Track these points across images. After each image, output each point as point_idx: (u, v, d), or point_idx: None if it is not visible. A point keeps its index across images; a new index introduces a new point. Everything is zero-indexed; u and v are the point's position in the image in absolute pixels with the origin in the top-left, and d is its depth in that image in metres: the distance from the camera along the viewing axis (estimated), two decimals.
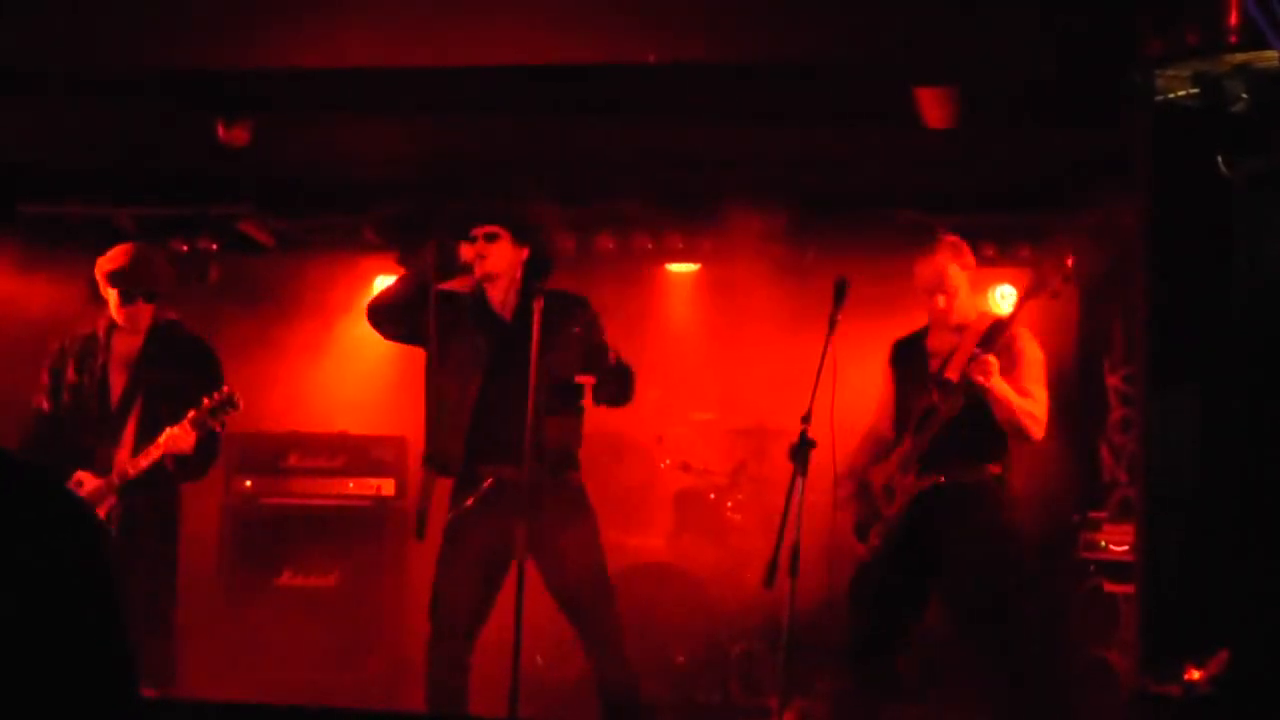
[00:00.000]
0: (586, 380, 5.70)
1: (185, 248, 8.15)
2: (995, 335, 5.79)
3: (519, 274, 5.82)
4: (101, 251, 6.29)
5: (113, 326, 6.24)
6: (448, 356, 5.80)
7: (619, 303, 7.03)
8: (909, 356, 6.13)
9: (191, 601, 6.74)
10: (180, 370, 6.21)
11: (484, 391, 5.62)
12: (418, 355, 5.93)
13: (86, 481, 6.04)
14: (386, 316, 5.91)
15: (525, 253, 5.82)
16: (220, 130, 6.46)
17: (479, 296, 5.83)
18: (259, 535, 7.98)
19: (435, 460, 5.78)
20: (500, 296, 5.81)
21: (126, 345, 6.25)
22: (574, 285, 6.07)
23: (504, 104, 6.45)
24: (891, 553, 5.89)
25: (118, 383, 6.21)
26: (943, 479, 5.81)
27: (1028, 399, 5.76)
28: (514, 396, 5.55)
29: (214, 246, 8.22)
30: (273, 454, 8.04)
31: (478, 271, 5.75)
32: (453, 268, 5.75)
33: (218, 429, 6.14)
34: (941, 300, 5.96)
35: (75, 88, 6.14)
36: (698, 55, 5.52)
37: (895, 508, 5.89)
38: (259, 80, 6.06)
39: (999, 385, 5.67)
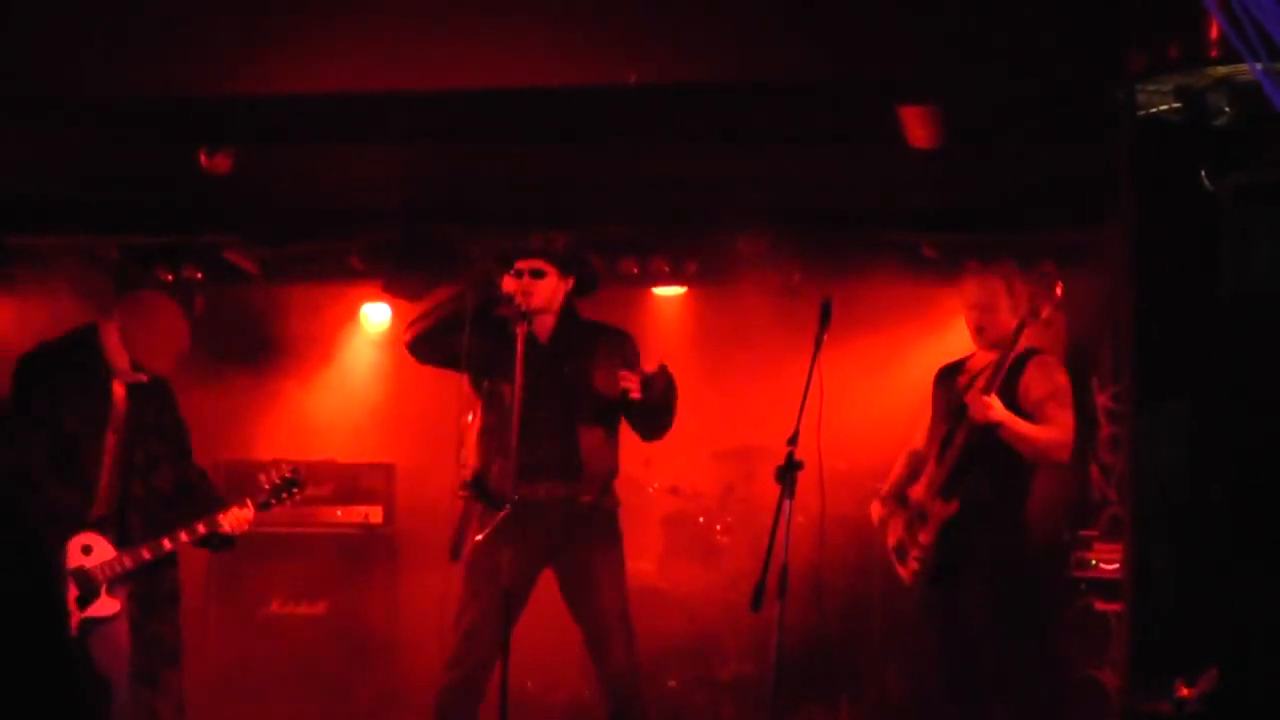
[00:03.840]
0: (630, 383, 5.62)
1: (170, 277, 8.11)
2: (1011, 366, 5.90)
3: (563, 303, 5.87)
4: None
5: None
6: (488, 383, 5.79)
7: None
8: (950, 379, 6.25)
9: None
10: (158, 412, 5.93)
11: (524, 417, 5.47)
12: (405, 383, 5.88)
13: (96, 547, 5.57)
14: (425, 342, 5.86)
15: (570, 283, 5.87)
16: (203, 158, 6.44)
17: (518, 323, 5.67)
18: (247, 564, 7.94)
19: (475, 485, 5.74)
20: (543, 324, 5.82)
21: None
22: None
23: (487, 128, 6.43)
24: (930, 583, 5.99)
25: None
26: (965, 505, 5.88)
27: (1048, 424, 5.87)
28: (553, 422, 5.66)
29: (199, 276, 8.18)
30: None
31: (522, 305, 5.66)
32: (495, 299, 5.71)
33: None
34: (982, 317, 6.05)
35: (57, 117, 6.11)
36: (679, 76, 5.51)
37: (928, 534, 5.97)
38: (240, 108, 6.02)
39: (1009, 419, 5.80)
